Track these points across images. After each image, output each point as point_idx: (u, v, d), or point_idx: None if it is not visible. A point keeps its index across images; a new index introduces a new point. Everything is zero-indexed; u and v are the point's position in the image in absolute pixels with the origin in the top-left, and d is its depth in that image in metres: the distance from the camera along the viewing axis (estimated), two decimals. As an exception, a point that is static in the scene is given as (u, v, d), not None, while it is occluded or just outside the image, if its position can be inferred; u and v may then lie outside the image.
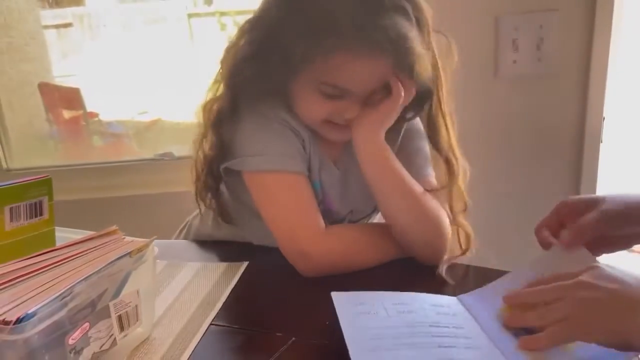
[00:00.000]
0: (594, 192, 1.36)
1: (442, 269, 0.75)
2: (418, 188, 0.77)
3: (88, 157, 2.21)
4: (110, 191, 1.61)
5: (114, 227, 0.63)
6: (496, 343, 0.56)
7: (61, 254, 0.57)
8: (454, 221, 0.80)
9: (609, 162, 1.34)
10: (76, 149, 2.65)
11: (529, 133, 1.35)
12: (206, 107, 0.80)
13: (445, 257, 0.77)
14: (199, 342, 0.62)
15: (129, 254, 0.58)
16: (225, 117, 0.78)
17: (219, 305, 0.70)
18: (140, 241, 0.60)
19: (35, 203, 0.67)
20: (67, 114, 2.81)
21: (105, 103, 2.86)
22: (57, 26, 3.07)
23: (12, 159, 1.69)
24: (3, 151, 1.67)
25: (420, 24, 0.72)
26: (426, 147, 0.85)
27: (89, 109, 2.78)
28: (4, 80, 1.81)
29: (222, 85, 0.80)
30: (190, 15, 2.90)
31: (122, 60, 2.86)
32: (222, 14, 2.40)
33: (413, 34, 0.69)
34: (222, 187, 0.87)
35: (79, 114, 2.80)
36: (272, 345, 0.60)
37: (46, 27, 2.78)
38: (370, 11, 0.67)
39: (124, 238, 0.62)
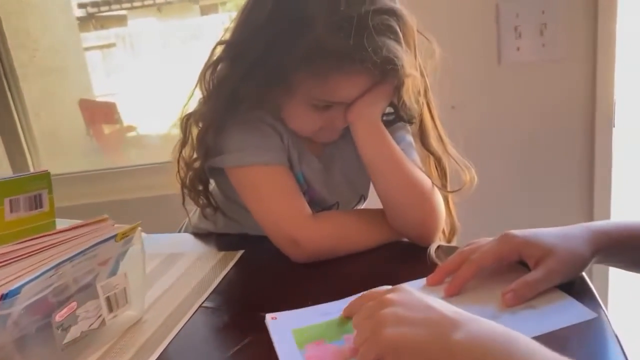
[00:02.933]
0: (609, 180, 1.33)
1: (431, 250, 0.76)
2: (411, 165, 0.79)
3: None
4: (133, 193, 1.67)
5: (104, 216, 0.67)
6: None
7: (51, 240, 0.60)
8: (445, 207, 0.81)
9: (623, 148, 1.30)
10: (116, 161, 2.76)
11: (537, 122, 1.33)
12: (188, 120, 0.84)
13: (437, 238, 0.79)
14: (186, 323, 0.65)
15: (114, 237, 0.61)
16: (210, 128, 0.81)
17: (210, 289, 0.73)
18: (126, 226, 0.63)
19: (35, 196, 0.71)
20: (106, 129, 2.93)
21: (145, 118, 2.97)
22: (101, 47, 3.22)
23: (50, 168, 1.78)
24: (32, 161, 1.75)
25: (406, 36, 0.73)
26: (409, 137, 0.86)
27: (128, 123, 2.90)
28: (47, 98, 1.91)
29: (203, 101, 0.82)
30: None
31: (162, 75, 2.97)
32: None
33: (402, 53, 0.71)
34: (215, 188, 0.91)
35: (117, 128, 2.92)
36: (255, 324, 0.62)
37: (90, 48, 2.92)
38: (359, 33, 0.68)
39: (114, 225, 0.65)
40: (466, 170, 0.80)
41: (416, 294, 0.54)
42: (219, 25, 3.10)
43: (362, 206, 0.95)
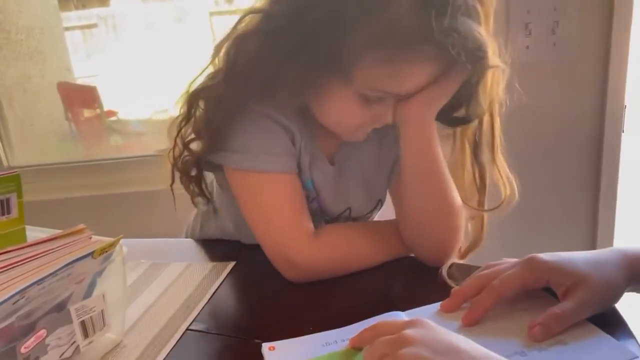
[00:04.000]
0: (615, 187, 1.27)
1: (443, 269, 0.69)
2: (450, 178, 0.70)
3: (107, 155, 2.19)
4: (116, 188, 1.58)
5: (81, 226, 0.59)
6: None
7: (18, 255, 0.52)
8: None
9: (632, 153, 1.26)
10: (95, 147, 2.67)
11: (544, 124, 1.27)
12: (197, 95, 0.71)
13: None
14: (171, 350, 0.58)
15: (92, 254, 0.54)
16: (226, 113, 0.69)
17: (199, 308, 0.65)
18: (105, 240, 0.56)
19: (2, 200, 0.63)
20: (86, 113, 2.83)
21: (127, 102, 2.87)
22: (81, 27, 3.09)
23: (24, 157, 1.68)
24: (4, 149, 1.65)
25: (487, 22, 0.63)
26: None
27: (110, 107, 2.79)
28: (24, 81, 1.81)
29: (222, 80, 0.69)
30: (211, 14, 2.89)
31: (145, 58, 2.86)
32: (243, 12, 2.37)
33: (487, 39, 0.60)
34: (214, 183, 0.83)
35: (98, 113, 2.82)
36: (249, 353, 0.55)
37: (71, 28, 2.79)
38: (441, 12, 0.57)
39: (91, 238, 0.58)
40: (507, 184, 0.71)
41: (439, 330, 0.47)
42: (204, 7, 2.99)
43: (379, 212, 0.86)
